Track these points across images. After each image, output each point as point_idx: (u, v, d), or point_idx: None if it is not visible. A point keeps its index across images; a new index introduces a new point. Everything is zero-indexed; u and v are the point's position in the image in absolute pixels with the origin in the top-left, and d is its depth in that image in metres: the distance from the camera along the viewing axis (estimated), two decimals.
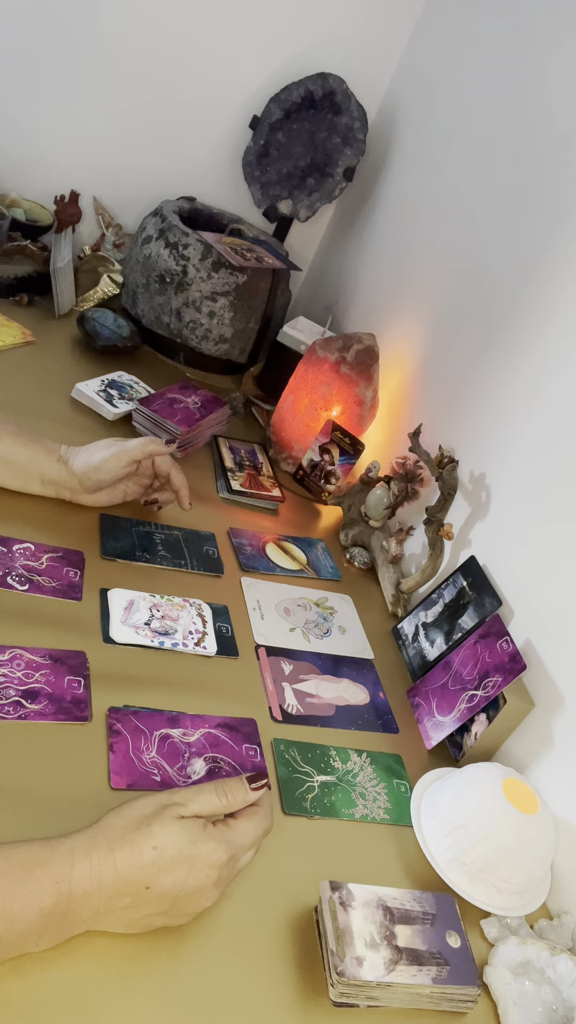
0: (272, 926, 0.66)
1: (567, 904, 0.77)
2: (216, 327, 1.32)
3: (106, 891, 0.55)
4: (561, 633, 0.85)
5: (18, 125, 1.43)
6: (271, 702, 0.87)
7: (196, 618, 0.91)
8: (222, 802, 0.61)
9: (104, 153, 1.49)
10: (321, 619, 1.02)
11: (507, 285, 1.07)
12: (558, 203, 1.00)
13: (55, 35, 1.37)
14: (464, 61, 1.29)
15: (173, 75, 1.44)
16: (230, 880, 0.61)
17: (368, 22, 1.46)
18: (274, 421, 1.30)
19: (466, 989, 0.63)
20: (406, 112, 1.44)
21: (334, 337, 1.26)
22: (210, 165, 1.54)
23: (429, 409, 1.19)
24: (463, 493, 1.05)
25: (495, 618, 0.91)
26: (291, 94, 1.44)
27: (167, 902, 0.58)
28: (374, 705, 0.93)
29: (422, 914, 0.66)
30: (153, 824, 0.58)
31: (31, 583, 0.85)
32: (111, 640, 0.84)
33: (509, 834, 0.72)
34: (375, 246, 1.46)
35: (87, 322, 1.32)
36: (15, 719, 0.71)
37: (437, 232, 1.27)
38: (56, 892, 0.54)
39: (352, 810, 0.79)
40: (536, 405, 0.96)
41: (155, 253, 1.31)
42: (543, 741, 0.84)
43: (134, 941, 0.60)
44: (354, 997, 0.62)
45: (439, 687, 0.91)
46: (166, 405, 1.18)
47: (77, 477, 0.93)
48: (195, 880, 0.58)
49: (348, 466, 1.19)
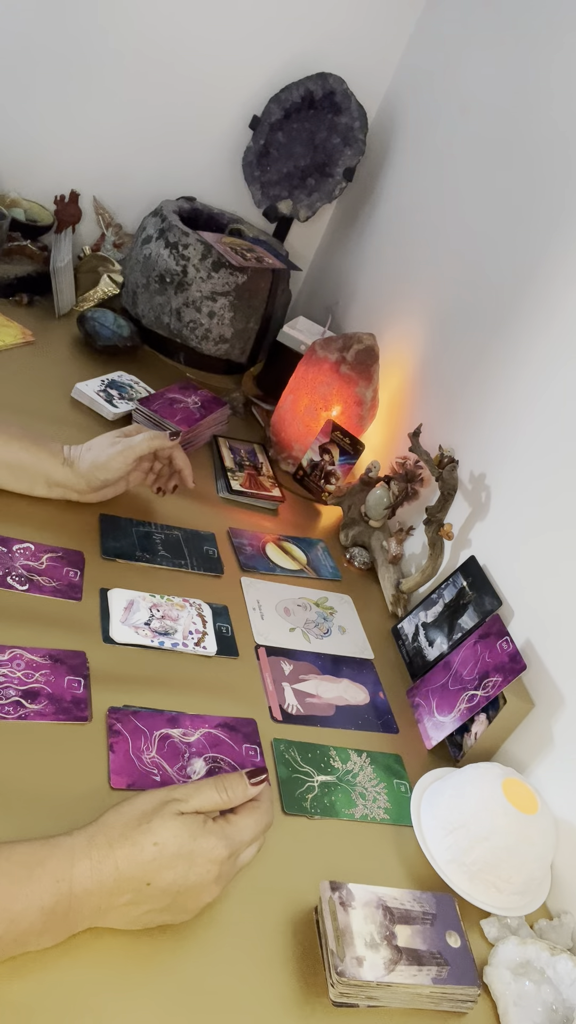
0: (272, 926, 0.66)
1: (567, 904, 0.77)
2: (216, 327, 1.32)
3: (107, 888, 0.56)
4: (561, 633, 0.85)
5: (18, 125, 1.43)
6: (271, 702, 0.87)
7: (196, 618, 0.91)
8: (222, 797, 0.61)
9: (104, 153, 1.49)
10: (321, 619, 1.02)
11: (507, 285, 1.07)
12: (558, 203, 1.00)
13: (56, 35, 1.37)
14: (464, 61, 1.29)
15: (173, 75, 1.44)
16: (231, 876, 0.61)
17: (368, 22, 1.46)
18: (274, 421, 1.30)
19: (466, 989, 0.63)
20: (406, 112, 1.44)
21: (334, 337, 1.26)
22: (210, 165, 1.54)
23: (429, 409, 1.19)
24: (463, 493, 1.05)
25: (495, 618, 0.91)
26: (291, 94, 1.44)
27: (168, 898, 0.58)
28: (374, 705, 0.93)
29: (422, 914, 0.66)
30: (153, 820, 0.58)
31: (31, 583, 0.85)
32: (111, 640, 0.84)
33: (509, 834, 0.72)
34: (375, 246, 1.46)
35: (87, 322, 1.32)
36: (15, 719, 0.71)
37: (437, 232, 1.27)
38: (57, 891, 0.54)
39: (352, 810, 0.79)
40: (536, 405, 0.96)
41: (155, 253, 1.31)
42: (543, 741, 0.84)
43: (134, 941, 0.60)
44: (354, 997, 0.62)
45: (439, 687, 0.91)
46: (166, 405, 1.18)
47: (84, 478, 0.93)
48: (195, 876, 0.58)
49: (348, 466, 1.19)
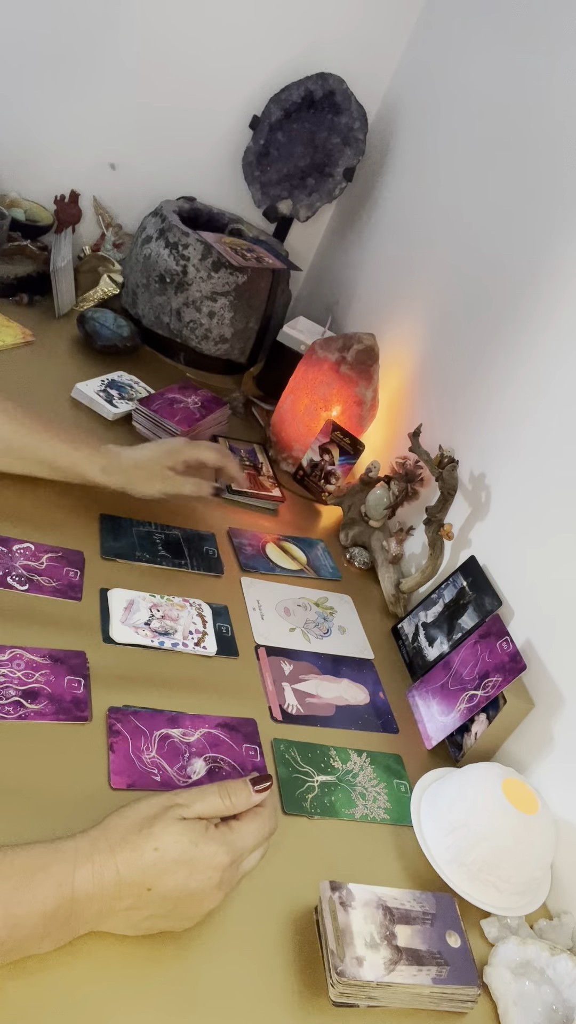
0: (272, 926, 0.66)
1: (567, 904, 0.77)
2: (216, 327, 1.32)
3: (108, 893, 0.55)
4: (561, 633, 0.85)
5: (18, 125, 1.43)
6: (271, 702, 0.87)
7: (196, 618, 0.91)
8: (225, 803, 0.61)
9: (104, 153, 1.49)
10: (321, 619, 1.02)
11: (508, 284, 1.07)
12: (559, 202, 1.00)
13: (56, 35, 1.37)
14: (464, 61, 1.29)
15: (173, 75, 1.44)
16: (233, 883, 0.61)
17: (368, 22, 1.46)
18: (274, 421, 1.30)
19: (466, 989, 0.63)
20: (406, 112, 1.44)
21: (334, 337, 1.26)
22: (210, 165, 1.54)
23: (429, 409, 1.19)
24: (463, 493, 1.05)
25: (495, 618, 0.91)
26: (291, 94, 1.44)
27: (169, 904, 0.58)
28: (374, 705, 0.93)
29: (422, 914, 0.66)
30: (155, 825, 0.58)
31: (31, 583, 0.85)
32: (111, 640, 0.84)
33: (509, 834, 0.72)
34: (375, 246, 1.46)
35: (87, 322, 1.32)
36: (15, 719, 0.71)
37: (437, 232, 1.27)
38: (59, 895, 0.54)
39: (352, 810, 0.79)
40: (537, 405, 0.96)
41: (155, 253, 1.31)
42: (543, 741, 0.84)
43: (134, 941, 0.60)
44: (354, 997, 0.62)
45: (439, 687, 0.91)
46: (166, 405, 1.18)
47: (117, 487, 0.95)
48: (197, 882, 0.57)
49: (348, 466, 1.19)
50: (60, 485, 0.97)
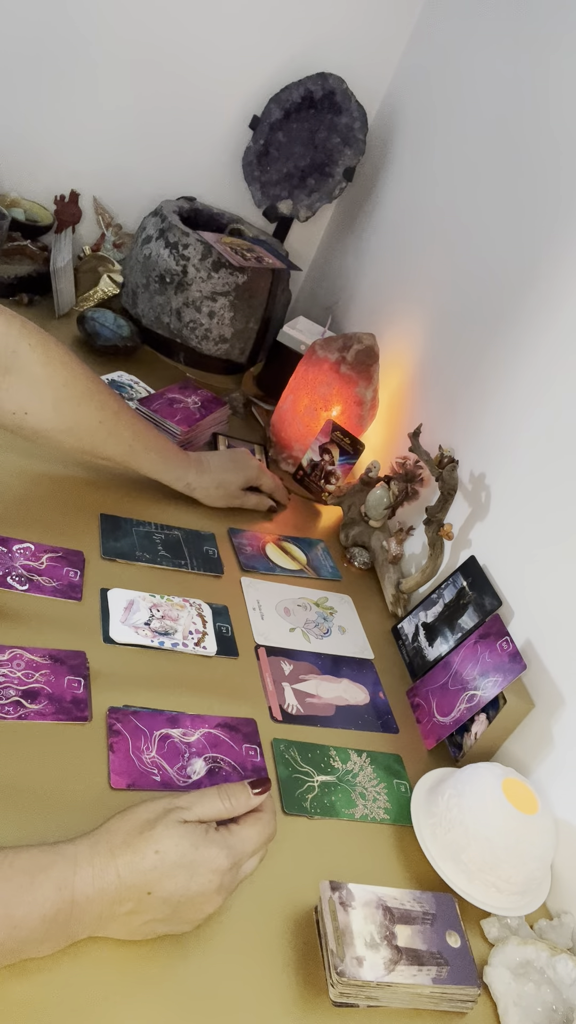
0: (272, 926, 0.66)
1: (567, 904, 0.77)
2: (216, 327, 1.32)
3: (108, 896, 0.55)
4: (561, 633, 0.85)
5: (18, 125, 1.43)
6: (271, 702, 0.87)
7: (196, 618, 0.91)
8: (225, 806, 0.61)
9: (104, 153, 1.49)
10: (321, 619, 1.02)
11: (508, 284, 1.07)
12: (559, 202, 1.00)
13: (56, 35, 1.37)
14: (464, 61, 1.29)
15: (173, 75, 1.44)
16: (233, 887, 0.61)
17: (368, 22, 1.46)
18: (274, 421, 1.30)
19: (466, 989, 0.63)
20: (406, 112, 1.44)
21: (334, 337, 1.25)
22: (210, 165, 1.54)
23: (429, 409, 1.19)
24: (463, 493, 1.05)
25: (495, 618, 0.91)
26: (291, 94, 1.44)
27: (169, 908, 0.57)
28: (374, 705, 0.93)
29: (422, 914, 0.66)
30: (156, 828, 0.57)
31: (31, 583, 0.85)
32: (111, 640, 0.84)
33: (509, 834, 0.72)
34: (375, 246, 1.46)
35: (87, 322, 1.32)
36: (15, 719, 0.71)
37: (437, 232, 1.27)
38: (59, 898, 0.54)
39: (352, 810, 0.79)
40: (537, 405, 0.96)
41: (155, 253, 1.31)
42: (543, 741, 0.84)
43: (134, 941, 0.60)
44: (354, 997, 0.62)
45: (439, 687, 0.91)
46: (166, 405, 1.18)
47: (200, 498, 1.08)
48: (197, 886, 0.57)
49: (348, 466, 1.19)
50: (60, 485, 0.97)
